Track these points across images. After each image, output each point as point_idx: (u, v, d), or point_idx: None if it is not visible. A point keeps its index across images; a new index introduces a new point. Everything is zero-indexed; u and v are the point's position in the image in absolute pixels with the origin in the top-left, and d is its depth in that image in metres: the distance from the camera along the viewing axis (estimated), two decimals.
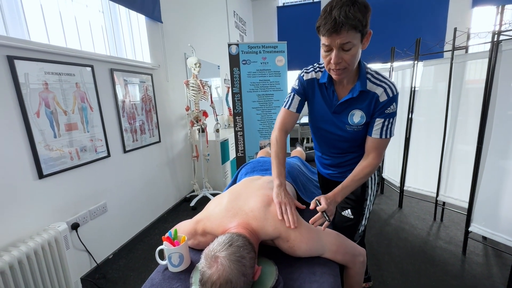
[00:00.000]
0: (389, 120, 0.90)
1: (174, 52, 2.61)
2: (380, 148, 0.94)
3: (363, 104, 0.91)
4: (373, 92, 0.89)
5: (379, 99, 0.88)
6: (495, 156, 1.56)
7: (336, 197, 0.88)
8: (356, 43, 0.78)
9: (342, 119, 0.96)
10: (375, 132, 0.92)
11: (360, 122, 0.94)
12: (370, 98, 0.90)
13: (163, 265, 0.83)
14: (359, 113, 0.93)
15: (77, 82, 1.55)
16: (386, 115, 0.90)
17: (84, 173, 1.61)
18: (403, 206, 2.45)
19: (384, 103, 0.88)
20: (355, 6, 0.73)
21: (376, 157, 0.93)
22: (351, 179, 0.92)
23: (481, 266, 1.62)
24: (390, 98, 0.88)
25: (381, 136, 0.91)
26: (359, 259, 0.86)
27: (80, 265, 1.59)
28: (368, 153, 0.95)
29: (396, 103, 0.90)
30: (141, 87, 2.11)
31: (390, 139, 0.94)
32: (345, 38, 0.75)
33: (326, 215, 0.81)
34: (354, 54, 0.79)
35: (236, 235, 0.70)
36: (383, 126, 0.91)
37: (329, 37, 0.77)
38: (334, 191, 0.90)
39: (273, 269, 0.76)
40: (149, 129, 2.22)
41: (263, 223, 0.81)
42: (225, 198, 0.91)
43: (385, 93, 0.88)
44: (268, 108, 3.04)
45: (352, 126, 0.95)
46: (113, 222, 1.85)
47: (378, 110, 0.90)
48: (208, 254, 0.64)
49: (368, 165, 0.93)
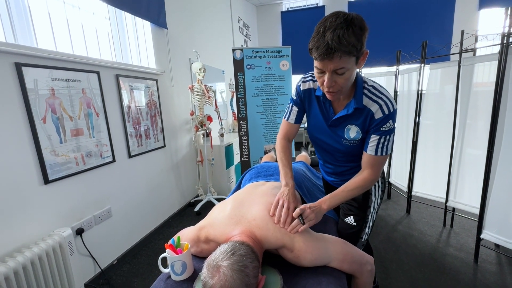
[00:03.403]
0: (385, 138, 0.86)
1: (179, 58, 2.63)
2: (375, 165, 0.90)
3: (358, 121, 0.89)
4: (368, 109, 0.85)
5: (374, 116, 0.85)
6: (507, 161, 1.51)
7: (322, 204, 0.87)
8: (350, 67, 0.74)
9: (339, 133, 0.94)
10: (371, 149, 0.88)
11: (356, 138, 0.91)
12: (365, 115, 0.86)
13: (166, 273, 0.82)
14: (355, 128, 0.90)
15: (83, 88, 1.57)
16: (382, 132, 0.86)
17: (89, 178, 1.62)
18: (411, 212, 2.39)
19: (379, 120, 0.84)
20: (349, 30, 0.68)
21: (371, 174, 0.90)
22: (342, 189, 0.90)
23: (494, 276, 1.56)
24: (385, 115, 0.83)
25: (376, 153, 0.88)
26: (367, 267, 0.84)
27: (84, 270, 1.59)
28: (364, 168, 0.92)
29: (393, 120, 0.85)
30: (147, 93, 2.13)
31: (387, 157, 0.90)
32: (338, 64, 0.72)
33: (301, 219, 0.80)
34: (347, 77, 0.77)
35: (239, 243, 0.68)
36: (378, 143, 0.87)
37: (321, 62, 0.73)
38: (322, 199, 0.89)
39: (278, 278, 0.74)
40: (154, 134, 2.23)
41: (265, 233, 0.79)
42: (228, 205, 0.89)
43: (380, 110, 0.83)
44: (272, 112, 3.04)
45: (349, 140, 0.93)
46: (118, 227, 1.85)
47: (374, 127, 0.86)
48: (210, 263, 0.62)
49: (363, 179, 0.90)
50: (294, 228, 0.79)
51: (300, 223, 0.80)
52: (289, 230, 0.79)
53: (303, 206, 0.83)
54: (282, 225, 0.80)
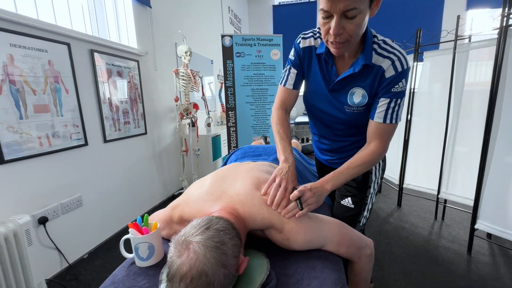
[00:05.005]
0: (396, 101, 0.75)
1: (163, 40, 2.47)
2: (384, 135, 0.78)
3: (365, 81, 0.76)
4: (378, 66, 0.73)
5: (384, 74, 0.73)
6: (503, 150, 1.46)
7: (325, 185, 0.74)
8: (363, 9, 0.61)
9: (341, 98, 0.82)
10: (378, 115, 0.77)
11: (361, 103, 0.79)
12: (375, 74, 0.74)
13: (131, 259, 0.68)
14: (361, 91, 0.78)
15: (50, 60, 1.40)
16: (393, 94, 0.74)
17: (56, 161, 1.45)
18: (402, 205, 2.33)
19: (391, 79, 0.73)
20: None
21: (379, 146, 0.78)
22: (347, 166, 0.77)
23: (488, 266, 1.51)
24: (398, 73, 0.72)
25: (385, 121, 0.76)
26: (366, 251, 0.73)
27: (48, 264, 1.41)
28: (370, 140, 0.80)
29: (406, 80, 0.74)
30: (126, 73, 1.96)
31: (396, 125, 0.78)
32: (349, 3, 0.59)
33: (299, 204, 0.67)
34: (359, 23, 0.63)
35: (217, 217, 0.56)
36: (388, 108, 0.75)
37: (329, 0, 0.60)
38: (324, 178, 0.75)
39: (264, 262, 0.62)
40: (134, 119, 2.07)
41: (251, 209, 0.67)
42: (207, 180, 0.76)
43: (392, 66, 0.72)
44: (262, 103, 2.92)
45: (352, 107, 0.81)
46: (90, 218, 1.67)
47: (383, 88, 0.75)
48: (179, 239, 0.50)
49: (370, 153, 0.78)
50: (289, 213, 0.67)
51: (297, 207, 0.67)
52: (283, 214, 0.67)
53: (303, 187, 0.70)
54: (275, 207, 0.67)
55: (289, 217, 0.67)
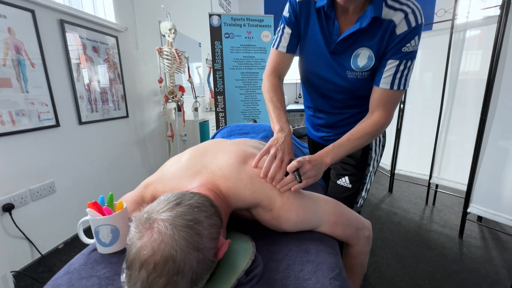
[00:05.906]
0: (406, 64, 0.66)
1: (146, 17, 2.29)
2: (389, 104, 0.70)
3: (373, 40, 0.66)
4: (388, 21, 0.63)
5: (395, 30, 0.63)
6: (498, 135, 1.42)
7: (324, 158, 0.65)
8: None
9: (343, 62, 0.72)
10: (385, 81, 0.68)
11: (367, 66, 0.69)
12: (384, 30, 0.64)
13: (92, 246, 0.58)
14: (367, 52, 0.68)
15: (10, 27, 1.23)
16: (403, 55, 0.65)
17: (22, 143, 1.30)
18: (393, 191, 2.31)
19: (403, 36, 0.63)
20: None
21: (383, 115, 0.70)
22: (347, 137, 0.68)
23: (479, 250, 1.49)
24: (411, 28, 0.62)
25: (392, 87, 0.67)
26: (364, 233, 0.65)
27: (17, 255, 1.29)
28: (373, 109, 0.71)
29: (419, 37, 0.64)
30: (103, 50, 1.79)
31: (403, 92, 0.70)
32: None
33: (297, 176, 0.59)
34: None
35: (191, 193, 0.46)
36: (396, 71, 0.66)
37: None
38: (322, 151, 0.67)
39: (249, 245, 0.53)
40: (114, 100, 1.91)
41: (236, 184, 0.57)
42: (185, 155, 0.66)
43: (405, 21, 0.62)
44: (252, 88, 2.80)
45: (356, 71, 0.71)
46: (64, 205, 1.54)
47: (393, 48, 0.65)
48: (141, 217, 0.39)
49: (373, 124, 0.69)
50: (286, 186, 0.58)
51: (295, 179, 0.59)
52: (279, 187, 0.58)
53: (301, 159, 0.61)
54: (269, 180, 0.58)
55: (284, 191, 0.58)
